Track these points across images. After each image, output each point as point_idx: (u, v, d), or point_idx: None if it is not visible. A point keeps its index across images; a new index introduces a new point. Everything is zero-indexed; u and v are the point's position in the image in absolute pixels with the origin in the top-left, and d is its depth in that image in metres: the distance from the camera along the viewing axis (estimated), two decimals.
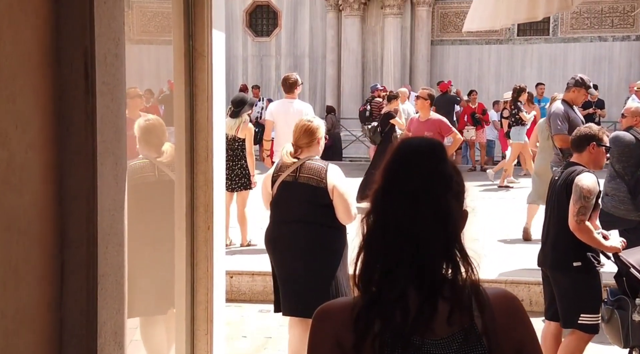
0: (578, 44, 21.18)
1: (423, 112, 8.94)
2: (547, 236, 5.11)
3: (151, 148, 4.66)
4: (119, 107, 2.41)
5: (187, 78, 4.09)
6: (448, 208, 1.68)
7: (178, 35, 4.02)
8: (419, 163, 1.70)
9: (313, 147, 4.86)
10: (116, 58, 2.38)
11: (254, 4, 22.97)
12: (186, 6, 3.98)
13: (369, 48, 21.42)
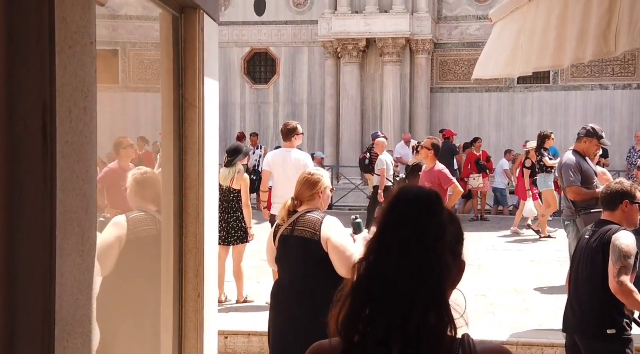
0: (579, 92, 21.01)
1: (426, 161, 8.60)
2: (576, 300, 4.70)
3: (147, 201, 4.26)
4: (88, 170, 2.03)
5: (177, 131, 3.73)
6: (437, 259, 1.68)
7: (167, 84, 3.68)
8: (411, 213, 1.72)
9: (315, 200, 4.55)
10: (84, 112, 2.01)
11: (252, 51, 22.86)
12: (176, 52, 3.64)
13: (368, 95, 21.23)
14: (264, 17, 22.61)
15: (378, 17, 20.46)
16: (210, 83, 3.87)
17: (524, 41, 3.32)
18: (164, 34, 3.64)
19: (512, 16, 3.67)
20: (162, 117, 3.73)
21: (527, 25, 3.25)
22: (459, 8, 21.65)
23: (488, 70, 4.32)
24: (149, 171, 4.37)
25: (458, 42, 21.66)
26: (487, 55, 4.31)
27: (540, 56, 2.94)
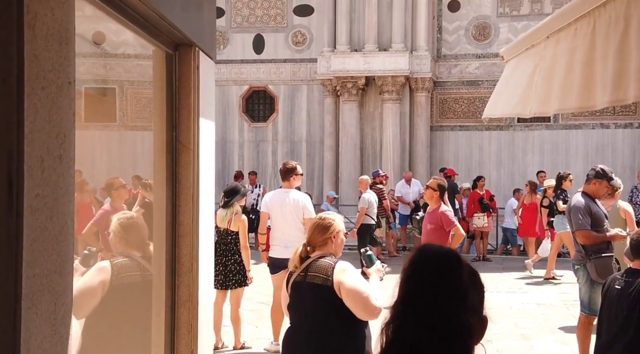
0: (580, 130, 20.87)
1: (431, 202, 8.35)
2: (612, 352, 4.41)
3: (131, 246, 4.00)
4: (63, 226, 1.78)
5: (169, 175, 3.49)
6: (459, 326, 1.71)
7: (159, 125, 3.45)
8: (432, 279, 1.75)
9: (328, 245, 4.36)
10: (59, 161, 1.77)
11: (251, 89, 22.76)
12: (169, 92, 3.42)
13: (367, 133, 21.07)
14: (263, 55, 22.57)
15: (377, 55, 20.40)
16: (206, 125, 3.64)
17: (539, 80, 3.11)
18: (158, 72, 3.42)
19: (526, 54, 3.47)
20: (154, 160, 3.50)
21: (545, 64, 3.05)
22: (459, 47, 21.62)
23: (498, 109, 4.10)
24: (135, 215, 4.12)
25: (458, 81, 21.58)
26: (498, 93, 4.10)
27: (564, 97, 2.72)
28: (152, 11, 2.80)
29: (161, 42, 3.24)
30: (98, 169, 3.76)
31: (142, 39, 3.11)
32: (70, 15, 1.81)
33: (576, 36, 2.66)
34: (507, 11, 21.31)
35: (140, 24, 2.90)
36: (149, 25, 2.97)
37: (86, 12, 2.93)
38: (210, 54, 3.72)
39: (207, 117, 3.67)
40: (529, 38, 3.51)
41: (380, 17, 20.53)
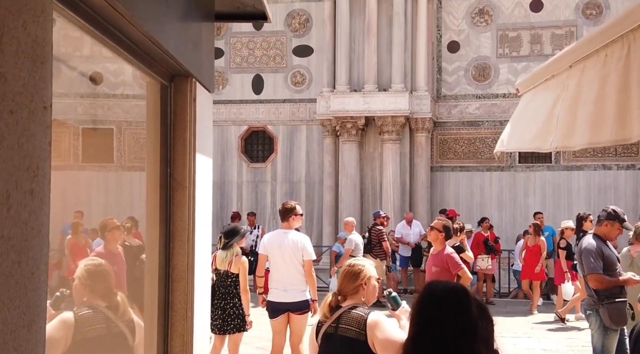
0: (582, 172, 20.67)
1: (435, 244, 8.10)
2: None
3: (97, 295, 3.70)
4: (34, 272, 1.53)
5: (163, 214, 3.24)
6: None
7: (153, 161, 3.21)
8: (442, 314, 1.78)
9: (359, 293, 4.15)
10: (31, 196, 1.52)
11: (250, 129, 22.62)
12: (164, 125, 3.19)
13: (367, 174, 20.87)
14: (262, 95, 22.49)
15: (377, 95, 20.30)
16: (203, 161, 3.41)
17: (561, 112, 2.88)
18: (151, 105, 3.20)
19: (545, 85, 3.25)
20: (147, 198, 3.26)
21: (568, 94, 2.82)
22: (458, 87, 21.54)
23: (512, 143, 3.87)
24: (104, 263, 3.84)
25: (458, 121, 21.45)
26: (512, 127, 3.87)
27: (594, 129, 2.49)
28: (146, 38, 2.58)
29: (155, 72, 3.02)
30: (95, 210, 3.52)
31: (135, 69, 2.89)
32: (47, 31, 1.59)
33: (607, 63, 2.44)
34: (506, 52, 21.28)
35: (133, 51, 2.68)
36: (142, 53, 2.75)
37: (84, 52, 2.74)
38: (208, 86, 3.51)
39: (204, 153, 3.44)
40: (547, 69, 3.29)
41: (380, 57, 20.48)
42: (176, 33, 2.95)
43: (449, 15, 21.54)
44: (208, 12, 3.59)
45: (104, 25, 2.31)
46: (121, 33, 2.44)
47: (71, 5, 2.05)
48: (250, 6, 3.73)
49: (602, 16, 20.54)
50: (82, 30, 2.26)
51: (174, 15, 2.90)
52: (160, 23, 2.66)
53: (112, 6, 2.18)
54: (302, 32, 22.24)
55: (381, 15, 20.50)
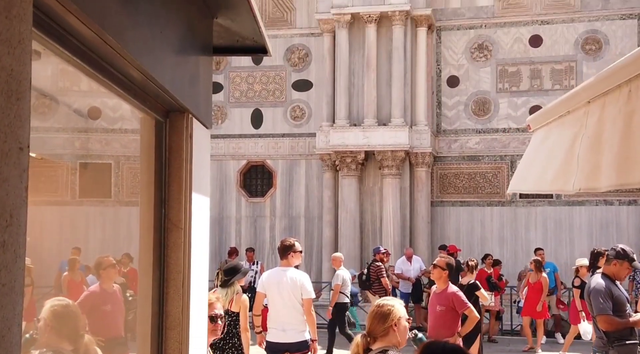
0: (583, 207, 20.49)
1: (439, 282, 7.89)
2: None
3: (62, 338, 3.47)
4: (5, 335, 1.35)
5: (157, 258, 3.07)
6: None
7: (146, 200, 3.04)
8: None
9: (390, 335, 3.96)
10: (3, 249, 1.35)
11: (249, 164, 22.50)
12: (158, 163, 3.03)
13: (367, 209, 20.69)
14: (261, 130, 22.42)
15: (377, 129, 20.22)
16: (200, 200, 3.24)
17: (582, 151, 2.72)
18: (145, 141, 3.04)
19: (561, 122, 3.09)
20: (140, 240, 3.08)
21: (589, 132, 2.67)
22: (458, 122, 21.48)
23: (528, 183, 3.69)
24: (72, 304, 3.63)
25: (458, 156, 21.35)
26: (527, 166, 3.69)
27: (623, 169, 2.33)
28: (139, 72, 2.43)
29: (149, 108, 2.86)
30: (92, 247, 3.36)
31: (128, 104, 2.74)
32: (24, 64, 1.43)
33: (631, 98, 2.29)
34: (506, 87, 21.25)
35: (125, 86, 2.53)
36: (135, 88, 2.60)
37: (82, 87, 2.61)
38: (206, 122, 3.35)
39: (201, 192, 3.27)
40: (562, 104, 3.14)
41: (380, 91, 20.45)
42: (172, 66, 2.80)
43: (448, 50, 21.56)
44: (206, 46, 3.46)
45: (92, 58, 2.15)
46: (112, 66, 2.29)
47: (56, 36, 1.90)
48: (250, 39, 3.60)
49: (602, 51, 20.55)
50: (69, 63, 2.11)
51: (169, 48, 2.75)
52: (154, 56, 2.51)
53: (102, 38, 2.03)
54: (301, 67, 22.24)
55: (380, 50, 20.51)
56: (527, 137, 21.47)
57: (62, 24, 1.83)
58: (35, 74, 1.56)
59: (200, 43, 3.33)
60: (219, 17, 3.45)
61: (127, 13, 2.14)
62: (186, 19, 3.02)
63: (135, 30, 2.24)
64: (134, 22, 2.23)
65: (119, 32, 2.05)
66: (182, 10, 2.90)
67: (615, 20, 20.60)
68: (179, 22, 2.88)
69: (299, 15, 22.26)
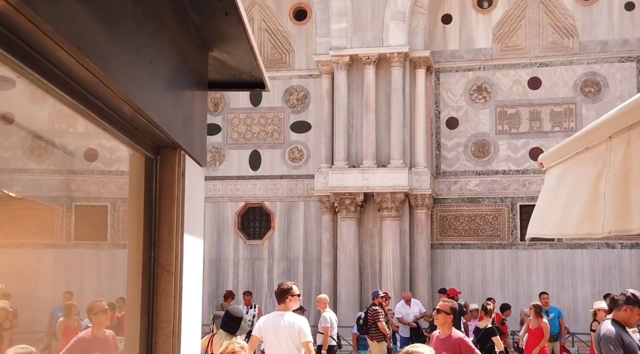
0: (585, 250, 20.24)
1: (443, 328, 7.61)
2: None
3: None
4: None
5: (145, 304, 2.85)
6: None
7: (135, 242, 2.84)
8: None
9: None
10: None
11: (247, 206, 22.30)
12: (148, 202, 2.83)
13: (366, 251, 20.44)
14: (259, 171, 22.28)
15: (376, 171, 20.08)
16: (192, 243, 3.03)
17: (609, 190, 2.53)
18: (135, 180, 2.85)
19: (579, 159, 2.90)
20: (127, 286, 2.87)
21: (614, 170, 2.48)
22: (458, 163, 21.35)
23: (548, 227, 3.47)
24: (35, 351, 3.40)
25: (458, 198, 21.17)
26: (545, 208, 3.47)
27: None
28: (125, 103, 2.25)
29: (138, 143, 2.68)
30: (86, 290, 3.16)
31: (114, 139, 2.55)
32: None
33: None
34: (505, 128, 21.17)
35: (113, 120, 2.34)
36: (121, 121, 2.41)
37: (78, 129, 2.45)
38: (200, 159, 3.16)
39: (194, 234, 3.07)
40: (580, 140, 2.95)
41: (379, 133, 20.37)
42: (162, 99, 2.62)
43: (447, 91, 21.54)
44: (201, 80, 3.29)
45: (74, 88, 1.97)
46: (94, 96, 2.10)
47: (33, 63, 1.71)
48: (247, 74, 3.43)
49: (601, 94, 20.53)
50: (48, 93, 1.92)
51: (159, 79, 2.57)
52: (142, 86, 2.33)
53: (85, 66, 1.85)
54: (300, 108, 22.19)
55: (379, 92, 20.49)
56: (527, 179, 21.40)
57: (35, 46, 1.65)
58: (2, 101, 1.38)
59: (194, 76, 3.16)
60: (215, 51, 3.29)
61: (111, 37, 1.96)
62: (179, 51, 2.85)
63: (120, 57, 2.06)
64: (118, 48, 2.05)
65: (100, 56, 1.87)
66: (174, 41, 2.74)
67: (614, 63, 20.62)
68: (171, 52, 2.71)
69: (297, 56, 22.29)
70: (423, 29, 20.89)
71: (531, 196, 20.62)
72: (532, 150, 20.79)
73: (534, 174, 20.63)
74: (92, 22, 1.82)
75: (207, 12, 2.75)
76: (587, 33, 20.78)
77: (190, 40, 3.02)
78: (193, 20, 2.94)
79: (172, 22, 2.66)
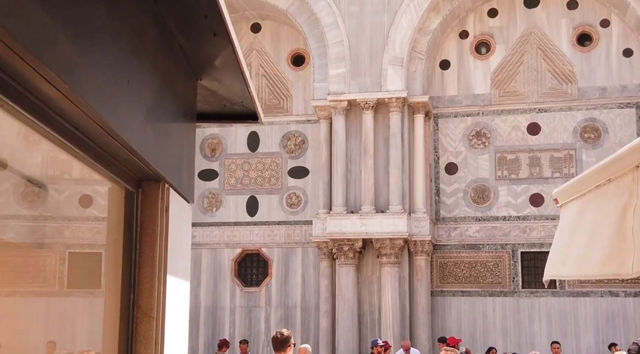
0: (588, 298, 19.86)
1: None
2: None
3: None
4: None
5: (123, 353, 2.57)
6: None
7: (112, 284, 2.58)
8: None
9: None
10: None
11: (243, 252, 21.96)
12: (127, 240, 2.57)
13: (365, 299, 20.05)
14: (257, 217, 22.00)
15: (374, 217, 19.81)
16: (176, 285, 2.77)
17: (638, 224, 2.29)
18: (113, 215, 2.60)
19: (601, 192, 2.65)
20: (104, 332, 2.59)
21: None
22: (457, 209, 21.09)
23: (568, 268, 3.19)
24: None
25: (458, 244, 20.85)
26: (564, 246, 3.20)
27: None
28: (99, 126, 2.01)
29: (117, 174, 2.43)
30: (80, 339, 2.88)
31: (88, 168, 2.31)
32: None
33: None
34: (505, 174, 20.97)
35: (84, 145, 2.10)
36: (96, 148, 2.17)
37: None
38: (186, 194, 2.91)
39: (179, 275, 2.80)
40: (600, 172, 2.71)
41: (377, 178, 20.16)
42: (143, 126, 2.39)
43: (446, 137, 21.40)
44: (189, 110, 3.06)
45: (35, 105, 1.73)
46: (62, 117, 1.87)
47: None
48: (239, 104, 3.21)
49: (601, 140, 20.40)
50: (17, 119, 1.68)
51: (140, 104, 2.35)
52: (117, 108, 2.10)
53: (46, 78, 1.61)
54: (297, 153, 22.02)
55: (378, 137, 20.35)
56: (528, 225, 21.10)
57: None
58: None
59: (181, 105, 2.93)
60: (204, 79, 3.07)
61: (78, 48, 1.73)
62: (163, 75, 2.63)
63: (89, 71, 1.83)
64: (88, 61, 1.82)
65: (63, 67, 1.64)
66: (157, 63, 2.52)
67: (613, 109, 20.53)
68: (154, 75, 2.49)
69: (295, 102, 22.21)
70: (421, 74, 20.85)
71: (532, 242, 20.33)
72: (533, 196, 20.58)
73: (535, 220, 20.38)
74: (56, 29, 1.60)
75: (194, 32, 2.54)
76: (585, 79, 20.73)
77: (176, 66, 2.81)
78: (180, 44, 2.72)
79: (155, 42, 2.44)
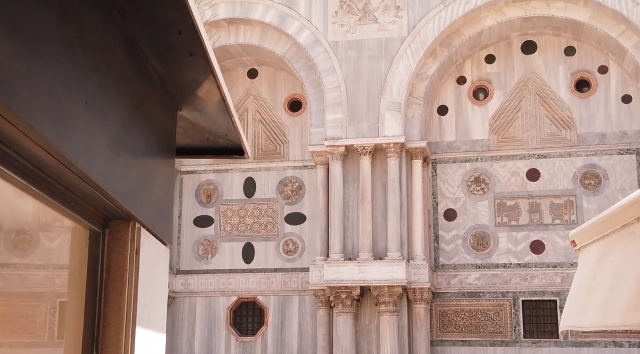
0: (592, 348, 19.39)
1: None
2: None
3: None
4: None
5: None
6: None
7: (72, 338, 2.25)
8: None
9: None
10: None
11: (239, 300, 21.53)
12: (91, 287, 2.26)
13: (363, 348, 19.60)
14: (252, 264, 21.64)
15: (372, 264, 19.44)
16: (149, 339, 2.44)
17: None
18: (76, 259, 2.29)
19: (626, 233, 2.37)
20: None
21: None
22: (457, 256, 20.73)
23: (588, 317, 2.89)
24: None
25: (458, 292, 20.44)
26: (583, 294, 2.89)
27: None
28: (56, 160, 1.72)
29: (79, 212, 2.13)
30: None
31: (50, 209, 2.01)
32: None
33: None
34: (505, 221, 20.67)
35: (32, 176, 1.81)
36: (48, 180, 1.88)
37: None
38: (162, 235, 2.61)
39: (152, 327, 2.48)
40: (625, 211, 2.42)
41: (375, 225, 19.85)
42: (107, 156, 2.10)
43: (444, 183, 21.15)
44: (166, 142, 2.78)
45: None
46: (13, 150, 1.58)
47: None
48: (223, 137, 2.93)
49: (602, 186, 20.16)
50: None
51: (103, 131, 2.06)
52: (72, 132, 1.81)
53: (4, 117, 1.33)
54: (294, 199, 21.74)
55: (375, 182, 20.10)
56: (529, 273, 20.70)
57: None
58: None
59: (157, 137, 2.65)
60: (184, 109, 2.80)
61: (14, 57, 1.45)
62: (133, 101, 2.35)
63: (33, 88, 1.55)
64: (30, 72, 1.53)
65: None
66: (125, 85, 2.24)
67: (613, 155, 20.33)
68: (121, 99, 2.21)
69: (292, 147, 22.02)
70: (419, 119, 20.70)
71: (533, 290, 19.94)
72: (533, 243, 20.25)
73: (536, 268, 20.03)
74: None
75: (168, 52, 2.27)
76: (584, 125, 20.59)
77: (151, 93, 2.53)
78: (154, 68, 2.45)
79: (122, 61, 2.17)
